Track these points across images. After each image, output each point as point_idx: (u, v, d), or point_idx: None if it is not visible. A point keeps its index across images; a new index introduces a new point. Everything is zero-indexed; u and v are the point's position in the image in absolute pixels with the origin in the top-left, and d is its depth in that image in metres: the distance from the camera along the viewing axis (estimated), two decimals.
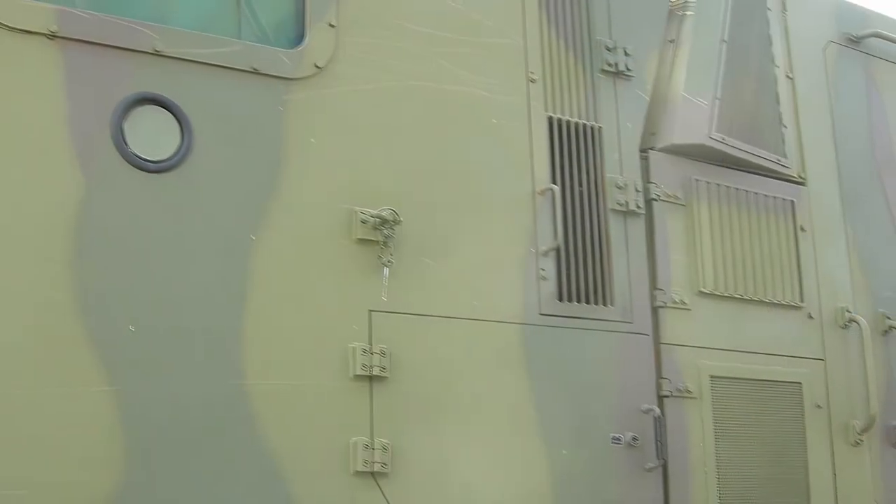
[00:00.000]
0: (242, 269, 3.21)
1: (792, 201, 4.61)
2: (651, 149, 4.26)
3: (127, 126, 3.12)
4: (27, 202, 2.94)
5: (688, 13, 4.51)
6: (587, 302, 3.89)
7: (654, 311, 4.09)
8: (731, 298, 4.30)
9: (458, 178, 3.68)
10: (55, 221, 2.97)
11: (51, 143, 3.00)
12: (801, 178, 4.70)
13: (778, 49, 4.76)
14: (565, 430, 3.71)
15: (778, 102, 4.67)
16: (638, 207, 4.10)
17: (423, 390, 3.45)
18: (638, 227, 4.11)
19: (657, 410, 3.90)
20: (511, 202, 3.78)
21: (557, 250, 3.84)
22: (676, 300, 4.14)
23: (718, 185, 4.39)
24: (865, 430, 4.55)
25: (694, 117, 4.35)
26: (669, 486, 3.95)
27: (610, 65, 4.17)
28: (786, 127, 4.68)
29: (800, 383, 4.40)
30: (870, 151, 5.06)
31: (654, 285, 4.11)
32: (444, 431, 3.46)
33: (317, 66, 3.46)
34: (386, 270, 3.45)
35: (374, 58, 3.59)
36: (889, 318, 4.84)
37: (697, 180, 4.33)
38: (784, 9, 4.89)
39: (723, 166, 4.44)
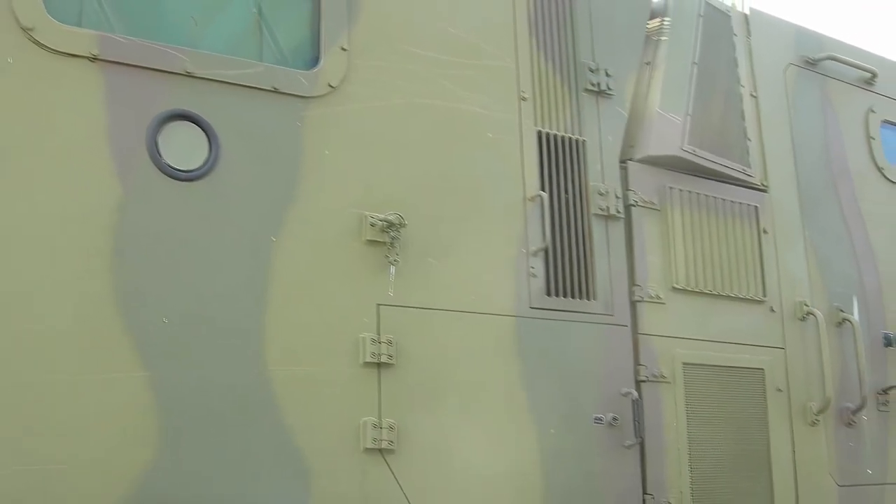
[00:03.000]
0: (264, 267, 3.20)
1: (755, 207, 4.59)
2: (630, 160, 4.25)
3: (161, 139, 3.10)
4: (72, 207, 2.93)
5: (662, 38, 4.49)
6: (572, 297, 3.87)
7: (633, 304, 4.07)
8: (702, 293, 4.28)
9: (458, 186, 3.67)
10: (97, 225, 2.95)
11: (92, 154, 2.99)
12: (763, 185, 4.68)
13: (743, 71, 4.75)
14: (553, 411, 3.70)
15: (743, 118, 4.65)
16: (618, 212, 4.09)
17: (425, 376, 3.43)
18: (618, 230, 4.10)
19: (635, 394, 3.89)
20: (504, 208, 3.77)
21: (546, 251, 3.82)
22: (652, 295, 4.12)
23: (690, 192, 4.37)
24: (821, 411, 4.53)
25: (668, 131, 4.33)
26: (646, 461, 3.94)
27: (593, 84, 4.15)
28: (750, 140, 4.66)
29: (762, 369, 4.38)
30: (825, 163, 5.04)
31: (632, 282, 4.09)
32: (444, 413, 3.45)
33: (331, 86, 3.45)
34: (392, 269, 3.43)
35: (383, 78, 3.58)
36: (842, 311, 4.82)
37: (671, 188, 4.32)
38: (748, 34, 4.88)
39: (694, 175, 4.42)
